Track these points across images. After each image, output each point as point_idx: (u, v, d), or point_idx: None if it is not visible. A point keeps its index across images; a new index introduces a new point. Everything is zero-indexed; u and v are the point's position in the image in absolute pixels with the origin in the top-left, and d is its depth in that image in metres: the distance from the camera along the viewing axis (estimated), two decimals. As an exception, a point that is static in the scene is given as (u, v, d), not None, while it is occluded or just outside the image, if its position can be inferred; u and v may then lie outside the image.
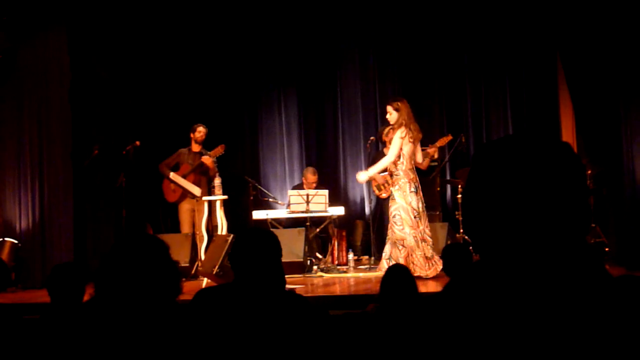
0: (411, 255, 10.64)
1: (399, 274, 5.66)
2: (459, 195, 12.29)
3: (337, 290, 10.44)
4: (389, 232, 10.86)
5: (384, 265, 10.80)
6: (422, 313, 4.58)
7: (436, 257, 10.48)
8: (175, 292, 3.33)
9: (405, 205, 10.71)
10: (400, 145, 10.78)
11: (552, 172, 1.98)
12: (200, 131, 12.63)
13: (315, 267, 12.00)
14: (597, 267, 2.01)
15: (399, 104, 10.88)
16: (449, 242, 11.14)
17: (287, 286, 4.59)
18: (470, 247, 7.75)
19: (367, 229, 12.31)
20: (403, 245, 10.67)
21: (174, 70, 14.35)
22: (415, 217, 10.69)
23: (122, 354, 3.16)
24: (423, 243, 10.69)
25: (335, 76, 14.68)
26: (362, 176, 11.15)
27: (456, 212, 12.46)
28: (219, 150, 12.43)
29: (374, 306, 5.87)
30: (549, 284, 1.94)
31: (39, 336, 4.45)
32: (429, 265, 10.55)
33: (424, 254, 10.61)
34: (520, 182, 1.98)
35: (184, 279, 10.28)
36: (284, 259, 4.15)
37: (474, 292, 2.03)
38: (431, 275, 10.44)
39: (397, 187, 10.84)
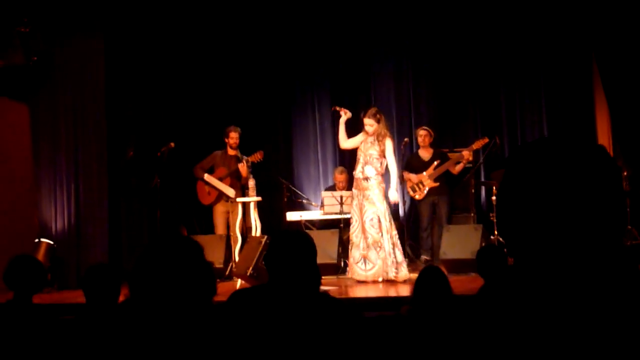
0: (387, 258, 10.87)
1: (433, 276, 5.63)
2: (494, 197, 12.23)
3: (371, 292, 10.42)
4: (365, 235, 10.98)
5: (357, 270, 10.98)
6: (456, 315, 4.57)
7: (405, 262, 11.17)
8: (210, 293, 3.33)
9: (383, 209, 11.00)
10: (393, 152, 11.24)
11: (587, 175, 1.97)
12: (233, 137, 12.62)
13: (348, 269, 12.00)
14: (633, 269, 1.99)
15: (379, 115, 11.17)
16: (483, 244, 11.10)
17: (321, 287, 4.60)
18: (505, 249, 7.71)
19: (401, 231, 12.27)
20: (381, 247, 10.93)
21: (208, 72, 14.38)
22: (389, 221, 11.06)
23: (157, 354, 3.17)
24: (395, 247, 11.06)
25: (369, 77, 14.66)
26: (393, 195, 11.51)
27: (490, 214, 12.38)
28: (257, 156, 12.40)
29: (407, 308, 5.85)
30: (585, 287, 1.93)
31: (74, 336, 4.48)
32: (399, 269, 11.01)
33: (395, 258, 11.00)
34: (555, 185, 1.97)
35: (218, 280, 10.30)
36: (317, 261, 4.15)
37: (510, 295, 2.03)
38: (400, 280, 10.86)
39: (377, 191, 11.11)
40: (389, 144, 11.13)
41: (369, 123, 11.06)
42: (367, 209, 11.02)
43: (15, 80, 12.04)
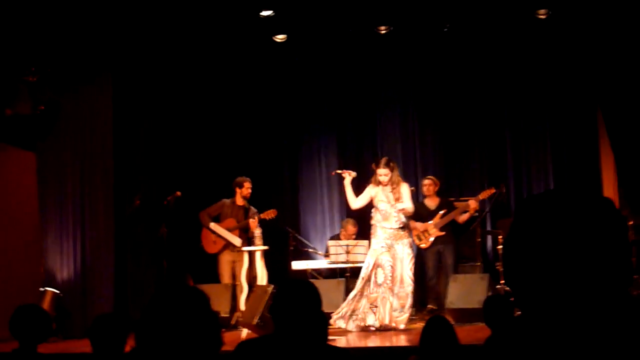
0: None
1: (439, 326, 5.62)
2: (500, 246, 12.20)
3: (378, 342, 10.38)
4: (404, 284, 11.00)
5: (394, 317, 10.95)
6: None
7: None
8: (216, 344, 3.32)
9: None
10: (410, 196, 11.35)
11: (593, 228, 1.99)
12: (248, 187, 12.63)
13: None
14: (640, 320, 2.00)
15: (392, 163, 11.31)
16: (489, 293, 11.06)
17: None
18: (511, 299, 7.69)
19: (407, 280, 12.21)
20: (410, 296, 11.11)
21: (216, 121, 14.45)
22: None
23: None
24: None
25: (375, 126, 14.70)
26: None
27: (497, 263, 12.35)
28: (271, 214, 12.36)
29: (414, 358, 5.83)
30: (592, 338, 1.93)
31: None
32: None
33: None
34: (562, 238, 1.98)
35: (223, 330, 10.27)
36: (324, 310, 4.14)
37: (516, 346, 2.03)
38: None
39: (410, 238, 11.37)
40: (406, 189, 11.24)
41: (384, 173, 11.09)
42: (409, 257, 11.11)
43: (23, 129, 12.09)
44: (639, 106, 11.05)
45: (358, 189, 13.82)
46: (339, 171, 11.62)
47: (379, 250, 11.08)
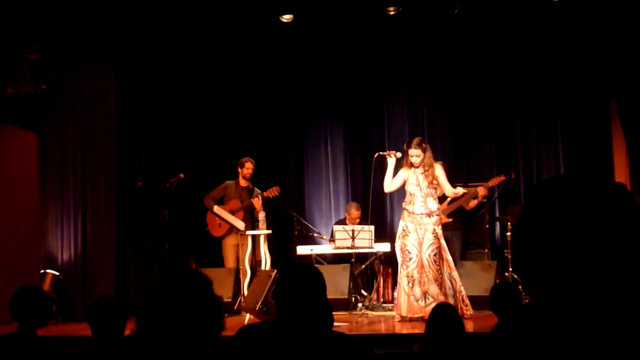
0: (457, 293, 10.53)
1: (446, 313, 5.52)
2: (508, 233, 12.09)
3: (382, 328, 10.30)
4: (425, 270, 10.51)
5: (417, 306, 10.48)
6: (469, 354, 4.45)
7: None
8: (217, 328, 3.24)
9: (444, 244, 10.61)
10: (445, 177, 10.82)
11: (605, 213, 1.88)
12: (249, 167, 12.54)
13: (360, 305, 11.83)
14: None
15: (424, 144, 10.74)
16: (497, 281, 10.98)
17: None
18: (520, 287, 7.59)
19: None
20: (441, 283, 10.49)
21: (220, 103, 14.37)
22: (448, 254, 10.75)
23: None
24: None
25: (382, 109, 14.57)
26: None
27: (505, 250, 12.21)
28: (274, 191, 12.30)
29: (419, 345, 5.73)
30: (602, 326, 1.83)
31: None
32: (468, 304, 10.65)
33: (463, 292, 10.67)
34: (573, 223, 1.88)
35: (226, 314, 10.18)
36: (328, 296, 4.06)
37: (525, 334, 1.93)
38: (468, 315, 10.47)
39: (439, 226, 10.72)
40: (440, 170, 10.71)
41: (415, 154, 10.58)
42: (430, 245, 10.47)
43: (24, 109, 12.00)
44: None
45: (365, 173, 13.77)
46: (383, 153, 11.20)
47: (400, 233, 10.70)
